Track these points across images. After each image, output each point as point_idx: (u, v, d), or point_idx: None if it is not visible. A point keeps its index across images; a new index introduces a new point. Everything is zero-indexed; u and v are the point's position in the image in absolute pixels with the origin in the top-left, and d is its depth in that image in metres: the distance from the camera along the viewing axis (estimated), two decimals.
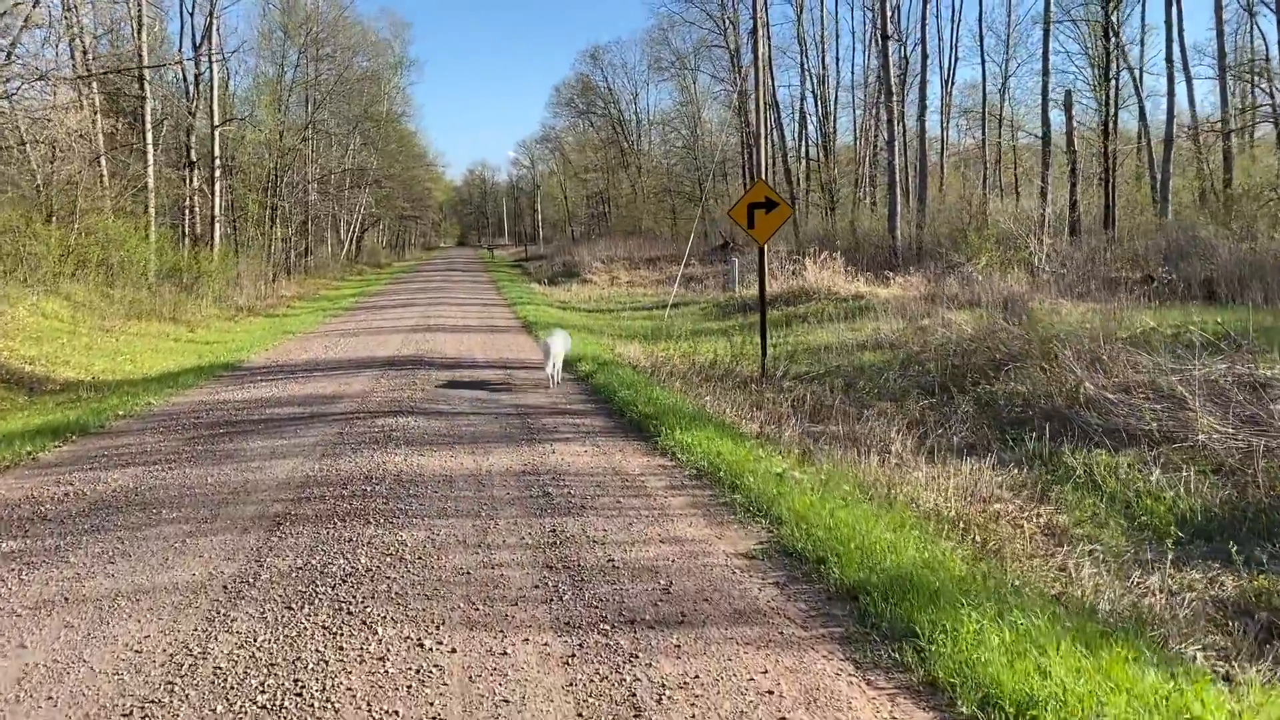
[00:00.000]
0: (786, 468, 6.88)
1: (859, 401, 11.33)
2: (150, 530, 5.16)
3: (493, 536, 4.95)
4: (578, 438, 7.69)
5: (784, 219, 12.73)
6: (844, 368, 13.38)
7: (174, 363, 14.53)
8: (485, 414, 8.79)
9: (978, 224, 28.10)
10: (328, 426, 8.13)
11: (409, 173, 62.36)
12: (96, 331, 17.14)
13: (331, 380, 11.16)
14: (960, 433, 9.57)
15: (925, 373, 12.47)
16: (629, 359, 14.43)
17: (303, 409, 9.11)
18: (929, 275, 22.52)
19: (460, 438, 7.66)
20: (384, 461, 6.72)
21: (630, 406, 8.79)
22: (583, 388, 10.71)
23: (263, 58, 36.25)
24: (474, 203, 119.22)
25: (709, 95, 52.84)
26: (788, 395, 11.57)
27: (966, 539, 5.93)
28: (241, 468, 6.61)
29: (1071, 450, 8.37)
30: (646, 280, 35.18)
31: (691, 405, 9.53)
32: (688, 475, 6.37)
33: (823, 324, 17.97)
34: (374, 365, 12.62)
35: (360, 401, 9.48)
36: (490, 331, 17.91)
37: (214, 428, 8.29)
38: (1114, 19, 27.23)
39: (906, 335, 14.88)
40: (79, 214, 19.89)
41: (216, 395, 10.30)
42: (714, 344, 16.37)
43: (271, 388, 10.63)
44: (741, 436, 7.92)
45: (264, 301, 26.35)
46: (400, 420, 8.36)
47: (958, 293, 18.90)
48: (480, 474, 6.38)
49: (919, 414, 10.47)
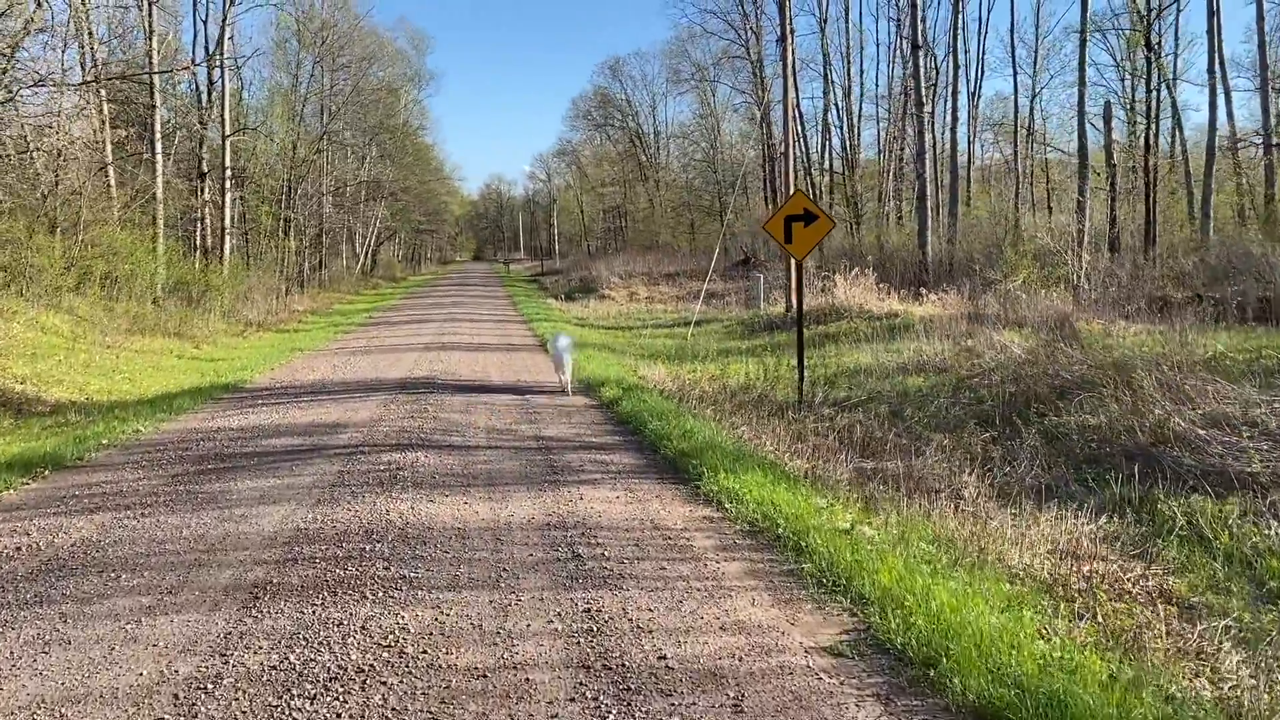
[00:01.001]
0: (853, 520, 5.95)
1: (910, 432, 10.39)
2: (103, 604, 4.27)
3: (515, 619, 4.03)
4: (607, 479, 6.77)
5: (824, 233, 11.83)
6: (887, 393, 12.42)
7: (174, 382, 13.73)
8: (503, 448, 7.90)
9: (1013, 239, 27.16)
10: (328, 463, 7.25)
11: (425, 186, 61.86)
12: (97, 348, 16.38)
13: (337, 405, 10.30)
14: (1031, 471, 8.61)
15: (979, 400, 11.49)
16: (654, 382, 13.53)
17: (302, 440, 8.24)
18: (964, 293, 21.53)
19: (475, 478, 6.76)
20: (388, 509, 5.82)
21: (664, 441, 7.87)
22: (608, 416, 9.81)
23: (277, 68, 35.77)
24: (490, 217, 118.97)
25: (729, 107, 52.15)
26: (829, 424, 10.64)
27: (1072, 608, 4.97)
28: (224, 516, 5.73)
29: (1166, 495, 7.38)
30: (666, 296, 34.32)
31: (729, 439, 8.60)
32: (739, 531, 5.43)
33: (857, 344, 17.00)
34: (384, 388, 11.77)
35: (366, 432, 8.60)
36: (506, 350, 17.05)
37: (202, 462, 7.43)
38: (1155, 30, 26.26)
39: (953, 358, 13.90)
40: (83, 225, 19.20)
41: (211, 422, 9.45)
42: (743, 365, 15.45)
43: (271, 414, 9.78)
44: (791, 479, 6.98)
45: (275, 316, 25.62)
46: (409, 456, 7.47)
47: (999, 312, 17.94)
48: (498, 526, 5.47)
49: (980, 448, 9.51)
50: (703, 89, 51.59)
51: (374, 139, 45.68)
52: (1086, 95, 29.74)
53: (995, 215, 32.76)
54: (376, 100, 43.69)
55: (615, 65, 61.54)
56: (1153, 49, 26.79)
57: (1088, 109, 29.17)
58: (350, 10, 37.89)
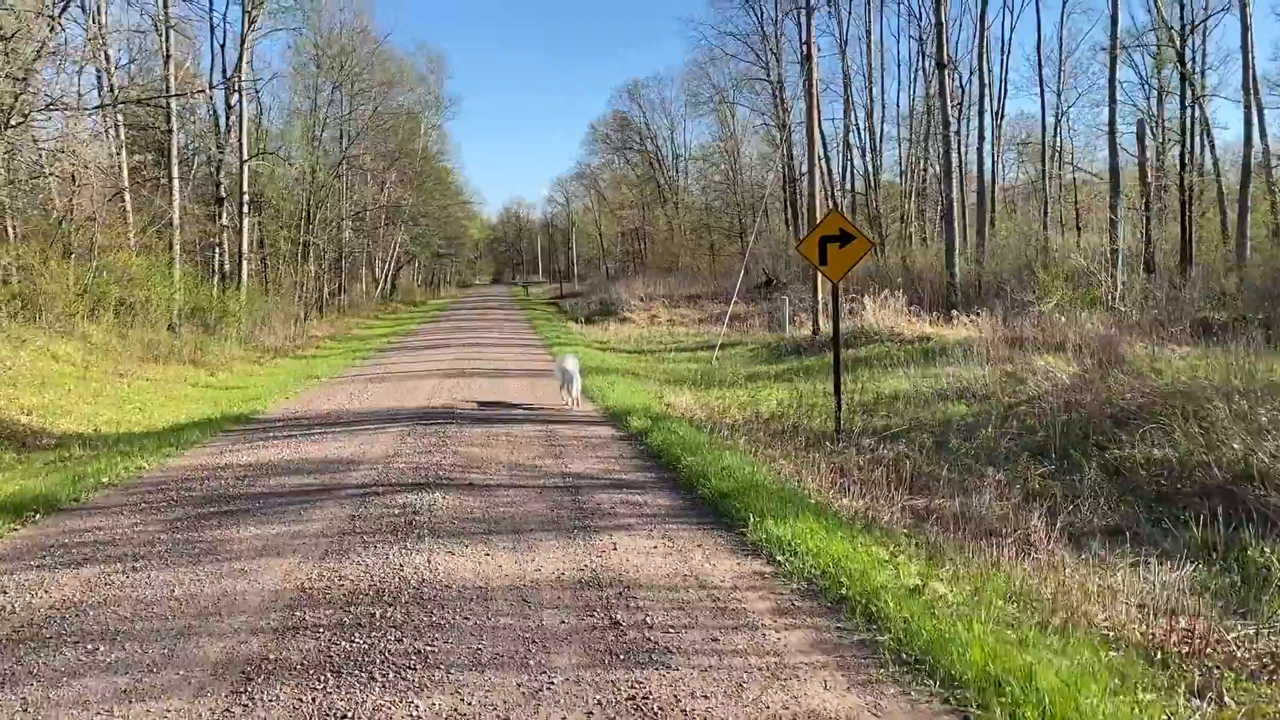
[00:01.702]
0: (919, 572, 5.32)
1: (958, 465, 9.75)
2: (73, 685, 3.71)
3: (548, 709, 3.43)
4: (642, 523, 6.18)
5: (861, 254, 11.24)
6: (927, 422, 11.78)
7: (186, 412, 13.28)
8: (527, 486, 7.32)
9: (1045, 260, 26.49)
10: (339, 506, 6.69)
11: (444, 210, 61.81)
12: (110, 376, 15.98)
13: (352, 438, 9.77)
14: (1097, 510, 7.95)
15: (1028, 430, 10.83)
16: (682, 410, 12.94)
17: (313, 479, 7.70)
18: (996, 315, 20.84)
19: (498, 523, 6.18)
20: (402, 565, 5.24)
21: (701, 480, 7.26)
22: (637, 448, 9.21)
23: (296, 93, 35.71)
24: (509, 240, 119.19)
25: (749, 129, 51.78)
26: (871, 456, 10.02)
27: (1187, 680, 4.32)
28: (221, 570, 5.18)
29: (1256, 541, 6.69)
30: (688, 319, 33.77)
31: (769, 476, 7.99)
32: (797, 591, 4.82)
33: (890, 369, 16.35)
34: (401, 418, 11.24)
35: (381, 469, 8.05)
36: (527, 376, 16.51)
37: (204, 505, 6.90)
38: (1189, 46, 25.62)
39: (995, 384, 13.23)
40: (97, 250, 18.90)
41: (219, 457, 8.94)
42: (773, 392, 14.85)
43: (283, 448, 9.26)
44: (845, 525, 6.36)
45: (293, 342, 25.24)
46: (426, 497, 6.90)
47: (1037, 335, 17.26)
48: (524, 585, 4.88)
49: (1038, 484, 8.86)
50: (722, 111, 51.31)
51: (393, 163, 45.60)
52: (1117, 112, 29.09)
53: (1024, 236, 32.08)
54: (396, 125, 43.62)
55: (633, 88, 61.47)
56: (1185, 65, 26.13)
57: (1118, 126, 28.51)
58: (370, 35, 37.89)
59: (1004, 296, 23.42)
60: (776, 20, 43.45)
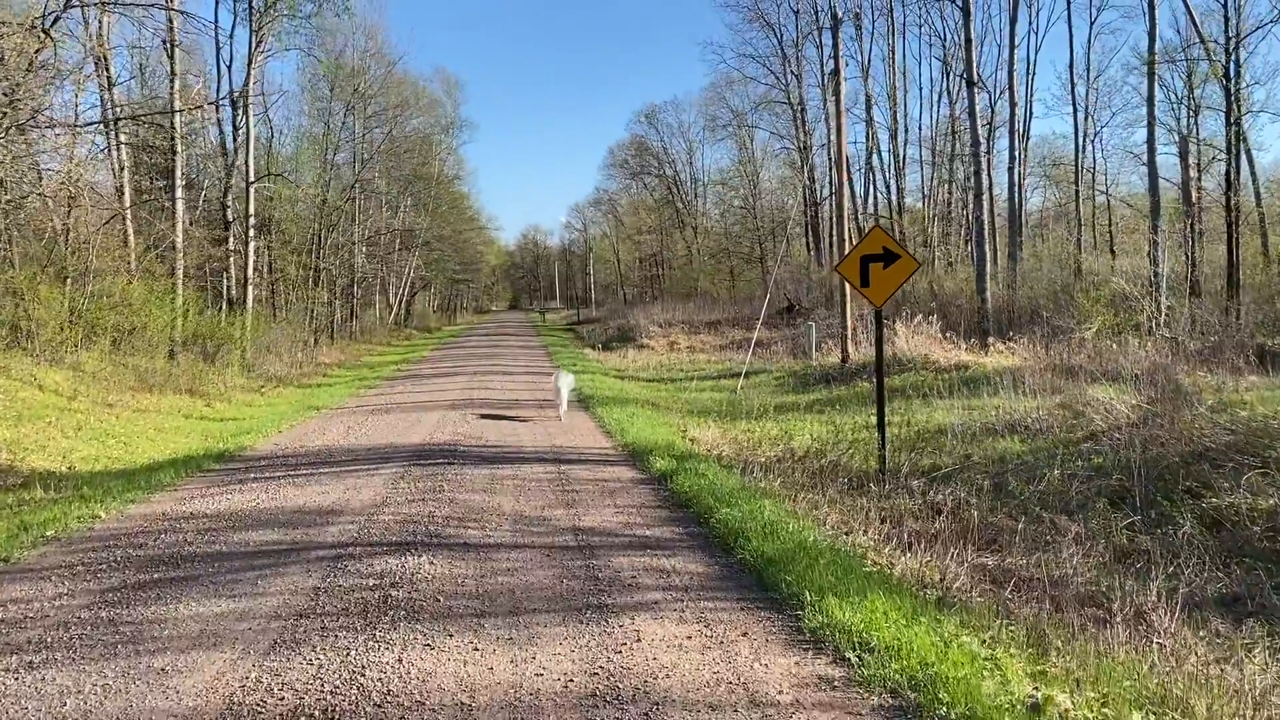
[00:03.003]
0: (1031, 676, 4.14)
1: (1024, 512, 8.57)
2: None
3: None
4: (670, 601, 5.03)
5: (907, 275, 10.10)
6: (979, 460, 10.58)
7: (172, 447, 12.27)
8: (532, 546, 6.20)
9: (1084, 284, 25.27)
10: (304, 574, 5.58)
11: (460, 235, 61.16)
12: (97, 407, 15.00)
13: (338, 482, 8.68)
14: (1205, 574, 6.73)
15: (1098, 471, 9.61)
16: (707, 445, 11.81)
17: (283, 535, 6.60)
18: (1034, 342, 19.61)
19: (493, 599, 5.04)
20: (365, 667, 4.10)
21: (739, 539, 6.11)
22: (661, 495, 8.07)
23: (309, 116, 35.10)
24: (526, 266, 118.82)
25: (768, 153, 50.86)
26: (923, 501, 8.84)
27: None
28: (137, 670, 4.08)
29: None
30: (708, 345, 32.62)
31: (816, 530, 6.83)
32: (881, 710, 3.66)
33: (928, 399, 15.15)
34: (398, 457, 10.15)
35: (363, 522, 6.94)
36: (541, 407, 15.43)
37: (149, 568, 5.81)
38: (1235, 60, 24.44)
39: (1049, 417, 12.02)
40: (91, 274, 18.03)
41: (187, 504, 7.87)
42: (805, 425, 13.67)
43: (259, 493, 8.18)
44: (912, 595, 5.19)
45: (299, 370, 24.30)
46: (410, 562, 5.78)
47: (1084, 363, 16.05)
48: (520, 700, 3.74)
49: (1125, 539, 7.65)
50: (741, 135, 50.44)
51: (408, 188, 44.93)
52: (1156, 131, 27.92)
53: (1057, 259, 30.86)
54: (410, 149, 42.98)
55: (651, 113, 60.74)
56: (1230, 80, 24.95)
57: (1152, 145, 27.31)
58: (383, 56, 37.29)
59: (1040, 322, 22.28)
60: (797, 42, 42.67)
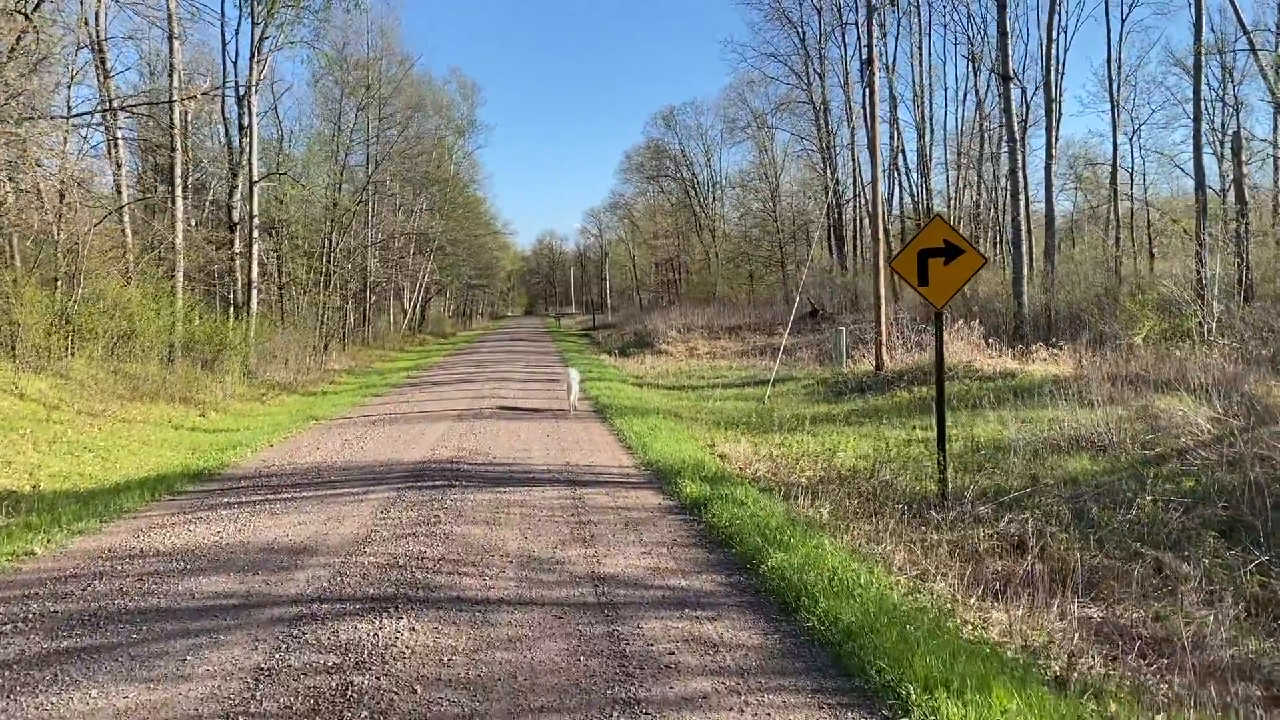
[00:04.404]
0: None
1: (1116, 544, 7.38)
2: None
3: None
4: (723, 695, 3.84)
5: (972, 272, 8.90)
6: (1046, 481, 9.35)
7: (153, 462, 11.22)
8: (541, 603, 5.03)
9: (1130, 288, 23.98)
10: (249, 645, 4.43)
11: (476, 240, 60.22)
12: (81, 417, 13.98)
13: (320, 509, 7.56)
14: None
15: (1197, 497, 8.36)
16: (740, 463, 10.63)
17: (239, 583, 5.47)
18: (1079, 347, 18.35)
19: (488, 691, 3.86)
20: None
21: (801, 597, 4.92)
22: (695, 530, 6.88)
23: (320, 116, 34.18)
24: (542, 272, 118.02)
25: (789, 155, 49.65)
26: (994, 532, 7.63)
27: None
28: None
29: None
30: (729, 351, 31.40)
31: (890, 580, 5.65)
32: None
33: (976, 410, 13.91)
34: (393, 477, 9.03)
35: (339, 567, 5.79)
36: (555, 418, 14.29)
37: (61, 634, 4.69)
38: None
39: (1117, 431, 10.77)
40: (83, 276, 17.05)
41: (140, 537, 6.77)
42: (845, 440, 12.46)
43: (226, 525, 7.07)
44: (1033, 677, 4.01)
45: (305, 377, 23.26)
46: (386, 628, 4.61)
47: (1141, 372, 14.78)
48: None
49: (1257, 583, 6.42)
50: (761, 137, 49.23)
51: (423, 190, 43.99)
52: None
53: (1096, 262, 29.52)
54: (424, 151, 42.04)
55: (668, 115, 59.57)
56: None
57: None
58: (397, 56, 36.35)
59: (1082, 327, 21.07)
60: (820, 40, 41.46)
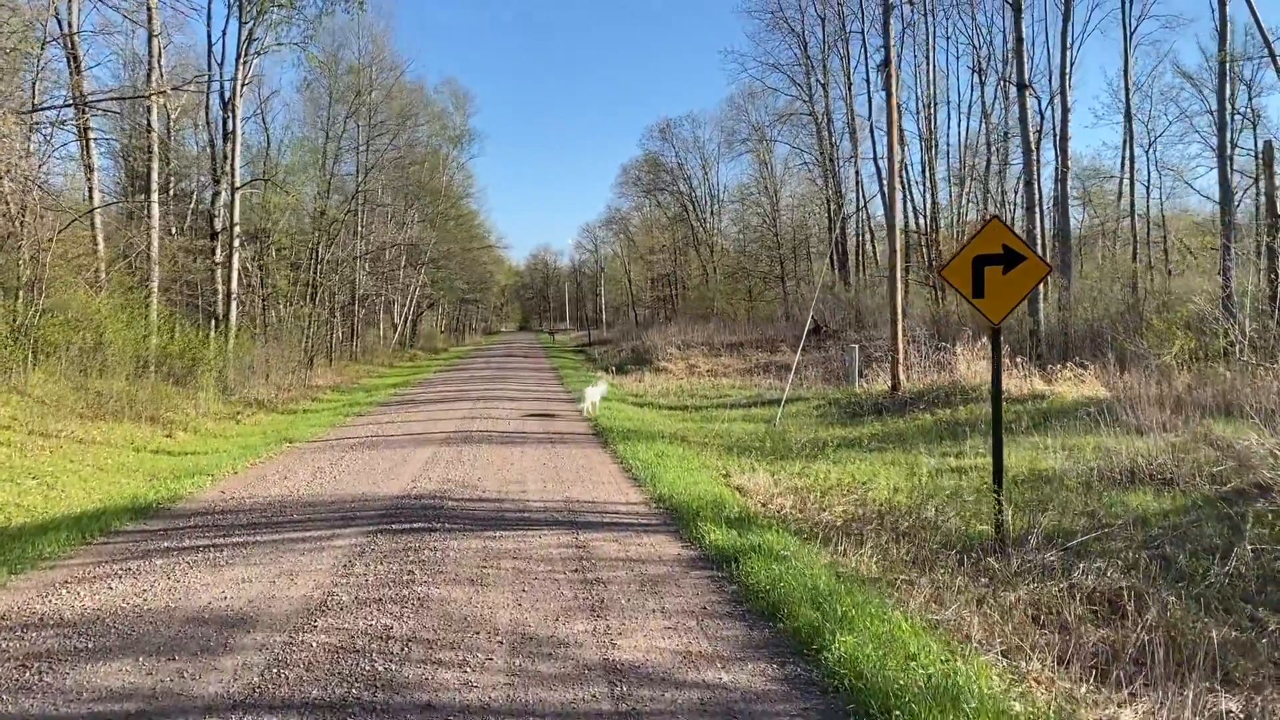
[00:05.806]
0: None
1: (1222, 605, 6.21)
2: None
3: None
4: None
5: (1036, 282, 7.74)
6: (1109, 520, 8.15)
7: (103, 492, 9.96)
8: (540, 714, 3.81)
9: (1152, 305, 22.92)
10: None
11: (469, 253, 59.06)
12: (33, 438, 12.71)
13: (273, 560, 6.32)
14: None
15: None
16: (762, 497, 9.44)
17: (143, 676, 4.22)
18: (1105, 367, 17.21)
19: None
20: None
21: (890, 699, 3.72)
22: (727, 592, 5.64)
23: (309, 124, 33.05)
24: (536, 287, 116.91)
25: (790, 169, 48.66)
26: (1069, 585, 6.41)
27: None
28: None
29: None
30: (731, 369, 30.23)
31: (978, 664, 4.45)
32: None
33: (1008, 435, 12.67)
34: (364, 516, 7.80)
35: (278, 652, 4.53)
36: (551, 444, 13.07)
37: None
38: None
39: (1182, 463, 9.59)
40: (43, 284, 15.82)
41: (43, 599, 5.52)
42: (869, 467, 11.26)
43: (155, 581, 5.83)
44: None
45: (286, 393, 21.99)
46: None
47: (1186, 395, 13.65)
48: None
49: None
50: (761, 150, 48.24)
51: (415, 201, 42.85)
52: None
53: (1114, 277, 28.49)
54: (416, 160, 40.92)
55: (665, 128, 58.44)
56: None
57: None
58: (386, 59, 35.26)
59: (1102, 345, 20.01)
60: (824, 50, 40.54)
